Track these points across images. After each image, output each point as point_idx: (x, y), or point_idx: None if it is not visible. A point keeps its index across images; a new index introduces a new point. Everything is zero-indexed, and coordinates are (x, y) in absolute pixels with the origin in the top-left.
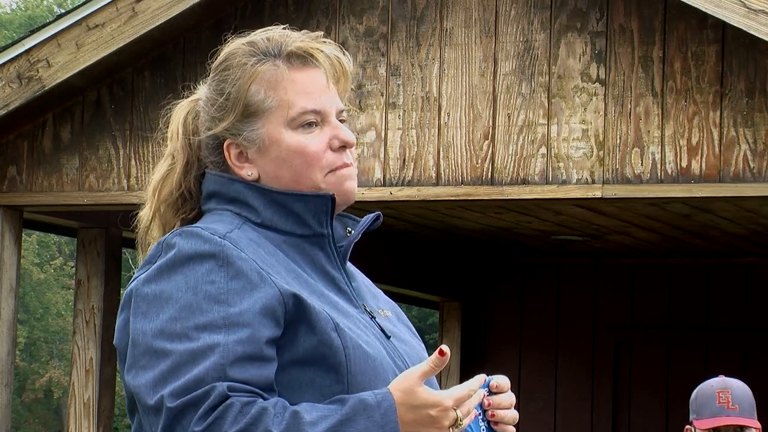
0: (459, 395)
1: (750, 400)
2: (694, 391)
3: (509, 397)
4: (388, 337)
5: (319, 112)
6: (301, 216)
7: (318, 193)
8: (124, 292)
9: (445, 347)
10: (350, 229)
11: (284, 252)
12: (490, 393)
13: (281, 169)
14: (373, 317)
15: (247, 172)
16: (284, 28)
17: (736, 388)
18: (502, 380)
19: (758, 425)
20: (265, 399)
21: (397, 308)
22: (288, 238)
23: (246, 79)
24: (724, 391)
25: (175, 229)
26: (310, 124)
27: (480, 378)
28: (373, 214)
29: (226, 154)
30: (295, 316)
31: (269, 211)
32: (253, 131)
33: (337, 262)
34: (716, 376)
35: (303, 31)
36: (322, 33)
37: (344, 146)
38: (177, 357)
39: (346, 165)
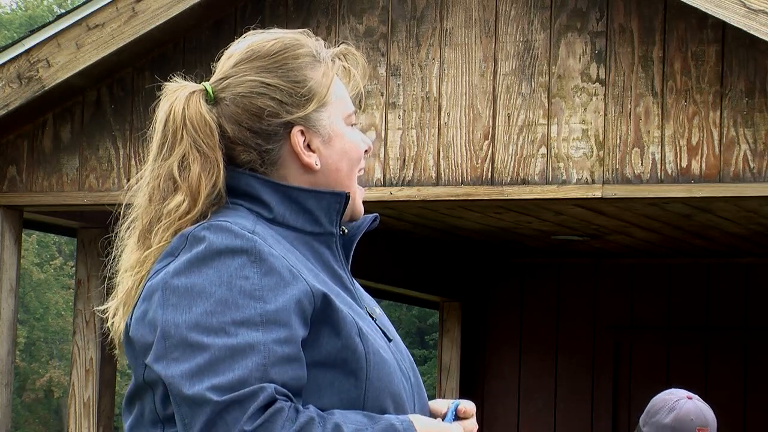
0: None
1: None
2: (667, 416)
3: (472, 425)
4: (390, 340)
5: (356, 114)
6: (314, 213)
7: (333, 191)
8: (141, 289)
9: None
10: (344, 229)
11: (298, 250)
12: (457, 417)
13: (342, 162)
14: (373, 318)
15: (314, 160)
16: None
17: (711, 421)
18: (469, 406)
19: None
20: (296, 403)
21: (378, 306)
22: (298, 236)
23: (328, 68)
24: (704, 430)
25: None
26: (353, 124)
27: (454, 403)
28: (371, 216)
29: (294, 140)
30: (321, 316)
31: (282, 206)
32: (322, 121)
33: (341, 261)
34: (671, 387)
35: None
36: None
37: (367, 151)
38: (216, 351)
39: (362, 170)
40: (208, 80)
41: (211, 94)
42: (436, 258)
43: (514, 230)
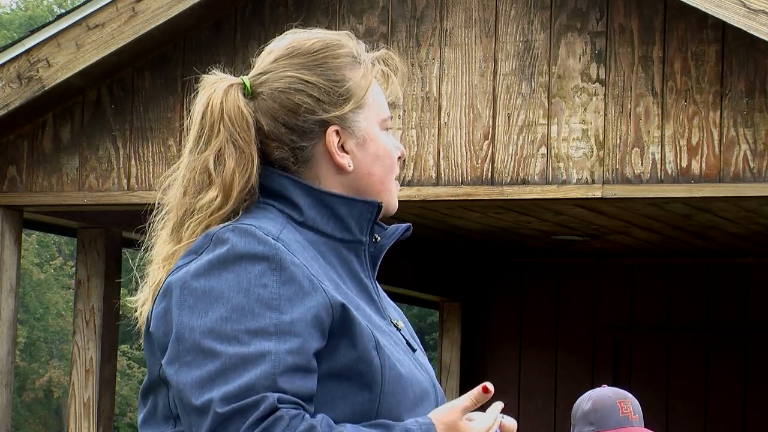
0: (488, 425)
1: (641, 410)
2: (586, 405)
3: None
4: (414, 351)
5: (392, 119)
6: (345, 220)
7: (366, 199)
8: (163, 283)
9: (489, 384)
10: (377, 236)
11: (323, 256)
12: None
13: (375, 166)
14: (398, 329)
15: (347, 162)
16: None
17: (632, 398)
18: (510, 422)
19: None
20: (307, 411)
21: (404, 316)
22: (327, 241)
23: (368, 71)
24: (625, 401)
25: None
26: (388, 129)
27: (499, 405)
28: (404, 225)
29: (328, 139)
30: (339, 327)
31: (313, 210)
32: (357, 122)
33: (368, 270)
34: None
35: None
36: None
37: (401, 157)
38: (226, 360)
39: (397, 177)
40: (247, 74)
41: (249, 88)
42: (436, 258)
43: (514, 230)
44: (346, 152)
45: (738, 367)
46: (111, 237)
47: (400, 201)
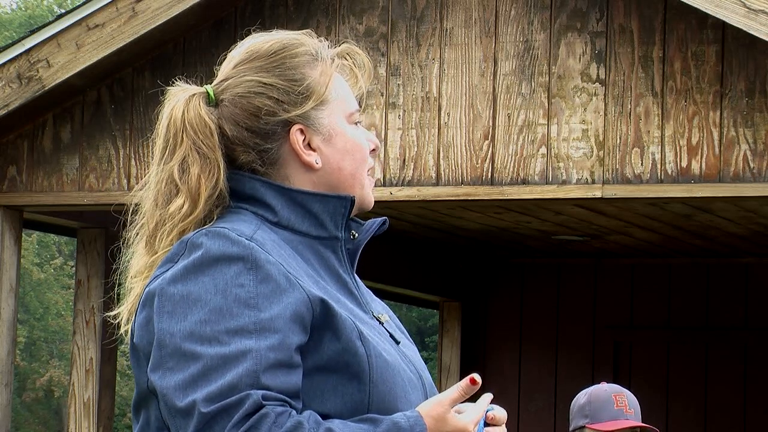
0: (477, 418)
1: (638, 406)
2: (582, 399)
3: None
4: (398, 343)
5: (360, 113)
6: (319, 217)
7: (339, 195)
8: (142, 294)
9: (476, 376)
10: (354, 233)
11: (300, 254)
12: (486, 424)
13: (345, 161)
14: (381, 323)
15: (315, 159)
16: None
17: (628, 393)
18: (499, 413)
19: (657, 430)
20: (293, 407)
21: (389, 310)
22: (303, 239)
23: (327, 67)
24: (620, 395)
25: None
26: (356, 123)
27: (488, 397)
28: (379, 219)
29: (292, 138)
30: (321, 321)
31: (287, 210)
32: (321, 119)
33: (347, 266)
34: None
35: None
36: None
37: (375, 150)
38: (208, 361)
39: (373, 170)
40: (211, 83)
41: (213, 96)
42: (436, 258)
43: (514, 230)
44: (313, 150)
45: (738, 366)
46: (111, 237)
47: (400, 201)
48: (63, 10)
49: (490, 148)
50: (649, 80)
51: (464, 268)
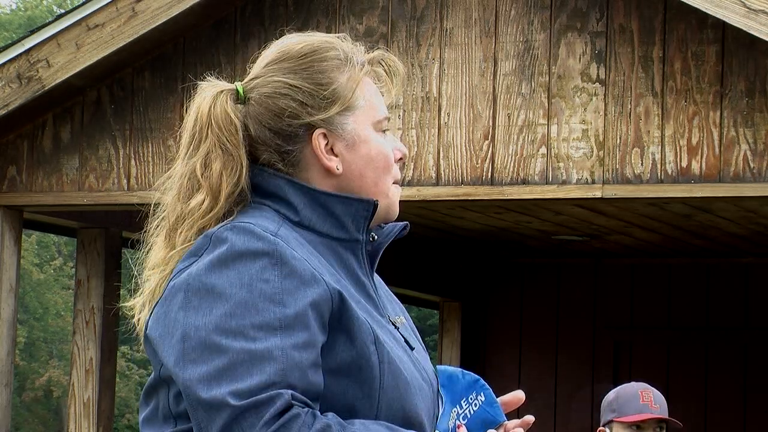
0: None
1: (665, 402)
2: (611, 395)
3: None
4: (412, 349)
5: (389, 120)
6: (341, 219)
7: (361, 198)
8: (165, 288)
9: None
10: (374, 235)
11: (321, 254)
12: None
13: (368, 168)
14: (396, 327)
15: (336, 165)
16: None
17: (655, 390)
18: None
19: (681, 424)
20: (314, 408)
21: (405, 311)
22: (323, 240)
23: (356, 72)
24: (646, 391)
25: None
26: (384, 131)
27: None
28: (401, 224)
29: (315, 143)
30: (337, 321)
31: (309, 210)
32: (345, 125)
33: (366, 268)
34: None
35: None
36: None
37: (401, 159)
38: (234, 355)
39: (398, 180)
40: (242, 80)
41: (242, 93)
42: (436, 258)
43: (514, 230)
44: (335, 155)
45: (738, 367)
46: (111, 237)
47: (400, 201)
48: (63, 10)
49: (490, 148)
50: (649, 80)
51: (464, 268)
